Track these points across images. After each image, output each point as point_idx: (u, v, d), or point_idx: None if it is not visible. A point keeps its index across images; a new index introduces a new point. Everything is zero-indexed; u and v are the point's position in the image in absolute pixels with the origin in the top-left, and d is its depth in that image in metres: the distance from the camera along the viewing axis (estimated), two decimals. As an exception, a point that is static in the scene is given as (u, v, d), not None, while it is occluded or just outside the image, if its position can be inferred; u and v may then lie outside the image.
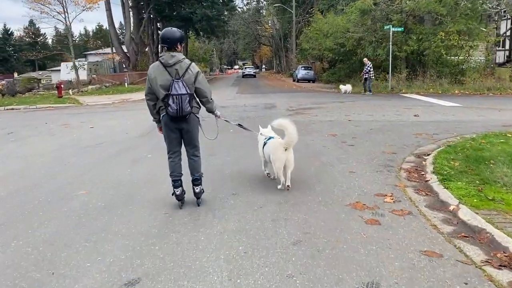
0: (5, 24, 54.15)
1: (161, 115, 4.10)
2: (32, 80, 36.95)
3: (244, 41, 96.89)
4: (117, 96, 22.30)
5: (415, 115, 11.36)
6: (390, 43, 19.91)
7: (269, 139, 4.96)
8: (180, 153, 4.35)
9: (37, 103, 19.54)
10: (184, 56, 3.99)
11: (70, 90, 24.02)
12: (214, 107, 4.37)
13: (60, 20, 27.43)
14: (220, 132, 4.85)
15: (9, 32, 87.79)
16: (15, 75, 54.24)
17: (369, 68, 19.57)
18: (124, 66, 39.34)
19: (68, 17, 27.40)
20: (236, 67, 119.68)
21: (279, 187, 4.87)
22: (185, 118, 4.02)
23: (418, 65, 21.73)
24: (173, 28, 4.04)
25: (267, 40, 73.32)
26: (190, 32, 59.71)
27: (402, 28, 20.25)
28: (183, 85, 3.88)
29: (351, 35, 22.85)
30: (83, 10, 27.73)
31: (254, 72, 60.03)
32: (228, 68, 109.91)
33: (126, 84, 30.45)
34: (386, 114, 11.81)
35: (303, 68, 35.74)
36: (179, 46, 3.98)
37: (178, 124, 4.09)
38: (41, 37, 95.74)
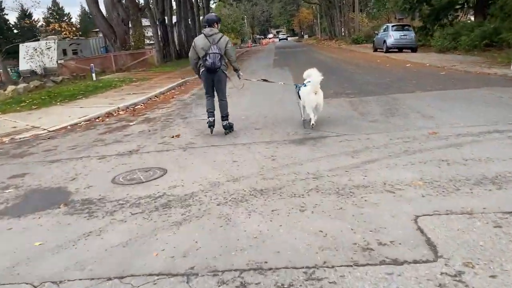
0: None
1: (201, 70, 6.17)
2: None
3: (280, 4, 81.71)
4: None
5: None
6: None
7: (301, 86, 6.31)
8: (213, 95, 6.35)
9: None
10: (218, 31, 6.11)
11: None
12: (238, 67, 6.53)
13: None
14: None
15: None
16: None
17: None
18: (110, 44, 26.26)
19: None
20: (270, 35, 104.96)
21: (312, 122, 5.96)
22: (216, 71, 6.01)
23: None
24: (212, 13, 6.77)
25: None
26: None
27: None
28: (217, 47, 5.90)
29: None
30: None
31: (286, 37, 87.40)
32: (262, 38, 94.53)
33: (93, 75, 17.37)
34: None
35: (394, 29, 21.16)
36: (215, 25, 6.15)
37: (211, 75, 6.11)
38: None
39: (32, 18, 78.24)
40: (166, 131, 6.99)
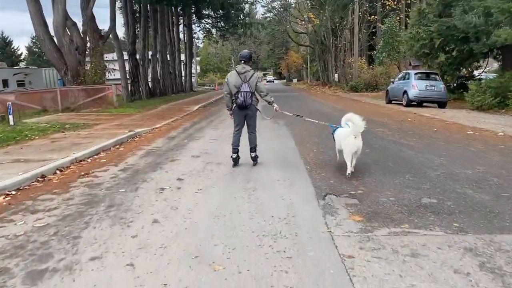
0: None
1: (233, 106, 6.43)
2: None
3: (269, 46, 79.29)
4: None
5: None
6: None
7: (337, 128, 5.92)
8: (241, 131, 6.59)
9: None
10: (250, 68, 6.35)
11: None
12: (272, 100, 6.59)
13: None
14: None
15: None
16: None
17: None
18: (61, 76, 21.12)
19: None
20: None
21: (348, 171, 5.36)
22: (247, 107, 6.33)
23: None
24: (246, 50, 6.71)
25: (304, 39, 54.46)
26: (195, 21, 42.12)
27: None
28: (248, 85, 6.21)
29: None
30: None
31: (273, 80, 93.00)
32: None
33: (10, 117, 12.16)
34: None
35: (418, 77, 16.82)
36: (248, 61, 6.39)
37: (243, 111, 6.42)
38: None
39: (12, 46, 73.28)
40: None
